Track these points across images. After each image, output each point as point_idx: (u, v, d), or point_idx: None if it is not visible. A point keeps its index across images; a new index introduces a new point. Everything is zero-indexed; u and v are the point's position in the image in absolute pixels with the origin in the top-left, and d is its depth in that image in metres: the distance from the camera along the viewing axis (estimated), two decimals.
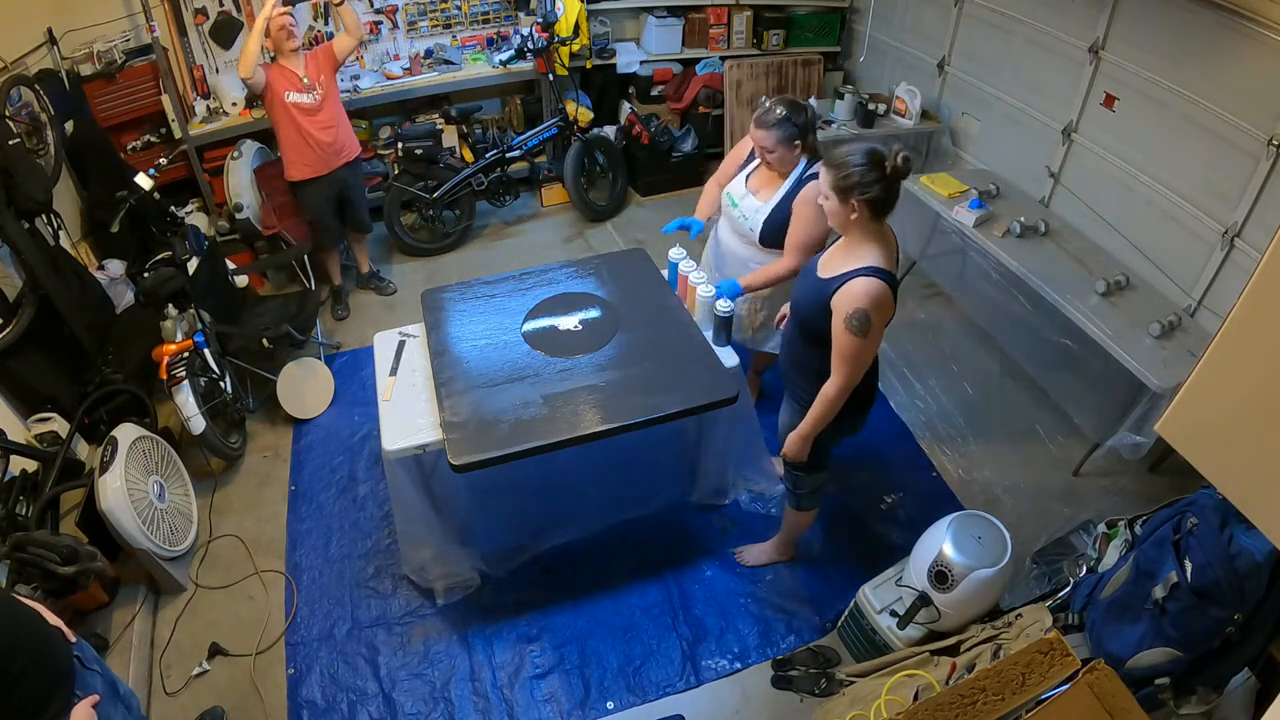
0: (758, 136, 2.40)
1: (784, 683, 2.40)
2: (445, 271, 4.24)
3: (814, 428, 2.08)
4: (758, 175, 2.55)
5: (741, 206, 2.54)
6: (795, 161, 2.44)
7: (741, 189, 2.56)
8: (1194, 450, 1.45)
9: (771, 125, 2.35)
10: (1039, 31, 3.45)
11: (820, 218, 2.10)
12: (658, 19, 4.68)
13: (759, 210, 2.50)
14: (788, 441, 2.17)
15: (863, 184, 1.83)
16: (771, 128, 2.35)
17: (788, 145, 2.38)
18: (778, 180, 2.48)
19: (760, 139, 2.40)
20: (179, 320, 3.01)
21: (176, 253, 3.02)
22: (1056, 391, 3.19)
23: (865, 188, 1.83)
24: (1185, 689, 1.76)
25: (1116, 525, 2.18)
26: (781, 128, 2.35)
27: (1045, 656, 1.56)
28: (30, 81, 3.13)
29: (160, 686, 2.41)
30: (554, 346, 2.38)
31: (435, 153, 4.13)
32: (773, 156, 2.42)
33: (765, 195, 2.50)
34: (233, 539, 2.85)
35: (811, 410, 2.06)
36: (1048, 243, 3.23)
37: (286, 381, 3.29)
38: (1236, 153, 2.69)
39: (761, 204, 2.50)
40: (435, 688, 2.40)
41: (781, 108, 2.35)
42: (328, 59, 3.44)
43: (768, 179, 2.51)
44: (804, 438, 2.12)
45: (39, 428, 2.77)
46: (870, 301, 1.84)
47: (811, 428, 2.08)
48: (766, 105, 2.38)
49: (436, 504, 2.34)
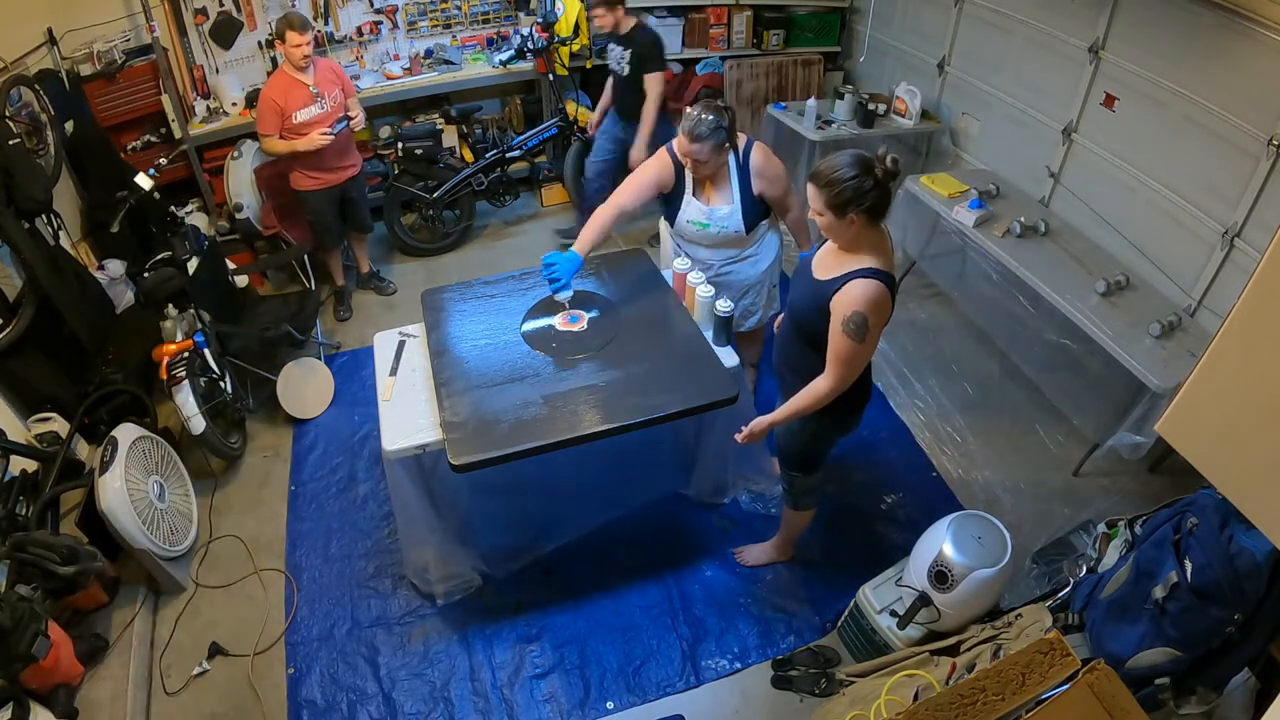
0: (692, 150, 2.37)
1: (784, 683, 2.40)
2: (445, 271, 4.24)
3: (789, 416, 2.05)
4: (702, 189, 2.54)
5: (714, 222, 2.54)
6: (726, 161, 2.47)
7: (701, 209, 2.54)
8: (1194, 450, 1.45)
9: (706, 136, 2.34)
10: (1039, 31, 3.45)
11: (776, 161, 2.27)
12: (658, 19, 4.67)
13: (731, 213, 2.52)
14: (754, 421, 2.12)
15: (858, 196, 1.80)
16: (706, 139, 2.35)
17: (719, 150, 2.40)
18: (723, 178, 2.50)
19: (695, 152, 2.38)
20: (179, 320, 3.01)
21: (176, 253, 3.02)
22: (1056, 392, 3.19)
23: (861, 199, 1.80)
24: (1185, 689, 1.76)
25: (1116, 525, 2.18)
26: (715, 135, 2.35)
27: (1045, 656, 1.56)
28: (30, 81, 3.14)
29: (160, 686, 2.41)
30: (554, 347, 2.38)
31: (435, 153, 4.13)
32: (706, 166, 2.43)
33: (723, 198, 2.52)
34: (233, 539, 2.85)
35: (795, 399, 2.01)
36: (1048, 243, 3.23)
37: (286, 381, 3.29)
38: (1237, 153, 2.69)
39: (728, 207, 2.51)
40: (435, 688, 2.40)
41: (709, 115, 2.33)
42: (339, 77, 3.48)
43: (712, 184, 2.53)
44: (772, 423, 2.09)
45: (39, 428, 2.77)
46: (868, 304, 1.83)
47: (784, 416, 2.05)
48: (694, 117, 2.34)
49: (436, 504, 2.34)
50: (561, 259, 2.42)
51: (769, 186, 2.51)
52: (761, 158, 2.49)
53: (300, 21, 3.19)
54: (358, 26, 4.23)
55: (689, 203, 2.55)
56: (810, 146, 4.04)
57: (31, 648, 1.97)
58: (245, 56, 4.03)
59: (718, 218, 2.53)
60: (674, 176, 2.54)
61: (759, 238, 2.63)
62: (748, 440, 2.16)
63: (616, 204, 2.50)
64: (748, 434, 2.14)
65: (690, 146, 2.37)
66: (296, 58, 3.23)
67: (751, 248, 2.64)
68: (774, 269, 2.75)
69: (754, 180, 2.49)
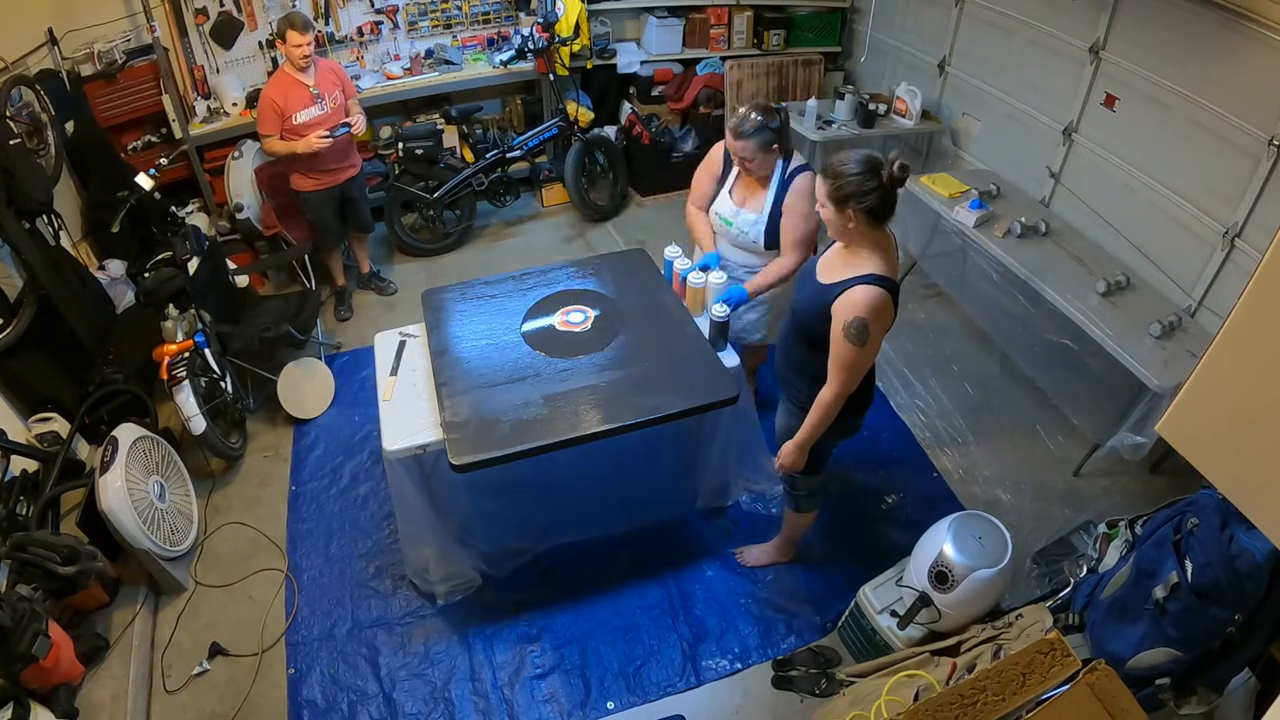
0: (736, 147, 2.39)
1: (784, 683, 2.40)
2: (446, 271, 4.24)
3: (811, 435, 2.07)
4: (740, 187, 2.54)
5: (737, 223, 2.54)
6: (774, 165, 2.45)
7: (730, 206, 2.55)
8: (1194, 450, 1.45)
9: (749, 134, 2.34)
10: (1040, 32, 3.45)
11: (811, 212, 2.14)
12: (658, 19, 4.68)
13: (756, 221, 2.51)
14: (783, 450, 2.16)
15: (859, 193, 1.81)
16: (750, 137, 2.35)
17: (766, 151, 2.39)
18: (761, 187, 2.49)
19: (739, 149, 2.39)
20: (179, 320, 3.01)
21: (177, 253, 3.02)
22: (1057, 392, 3.19)
23: (862, 197, 1.81)
24: (1185, 689, 1.76)
25: (1117, 525, 2.18)
26: (759, 135, 2.34)
27: (1046, 657, 1.56)
28: (31, 81, 3.13)
29: (161, 686, 2.41)
30: (554, 347, 2.38)
31: (436, 153, 4.13)
32: (753, 165, 2.42)
33: (755, 205, 2.51)
34: (233, 539, 2.85)
35: (809, 417, 2.05)
36: (1048, 243, 3.23)
37: (287, 381, 3.29)
38: (1237, 153, 2.69)
39: (755, 214, 2.50)
40: (435, 688, 2.40)
41: (756, 114, 2.34)
42: (340, 78, 3.48)
43: (751, 188, 2.51)
44: (801, 446, 2.11)
45: (39, 428, 2.77)
46: (869, 310, 1.83)
47: (809, 435, 2.07)
48: (740, 114, 2.36)
49: (437, 504, 2.34)
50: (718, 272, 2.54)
51: (788, 216, 2.46)
52: (802, 189, 2.40)
53: (302, 22, 3.18)
54: (358, 26, 4.23)
55: (723, 196, 2.58)
56: (811, 146, 4.03)
57: (32, 648, 1.97)
58: (246, 57, 4.03)
59: (742, 221, 2.53)
60: (722, 165, 2.58)
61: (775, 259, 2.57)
62: (785, 470, 2.21)
63: (693, 201, 2.67)
64: (780, 464, 2.19)
65: (734, 143, 2.39)
66: (297, 58, 3.23)
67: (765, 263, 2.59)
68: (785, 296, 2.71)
69: (787, 198, 2.45)
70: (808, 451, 2.13)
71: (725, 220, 2.57)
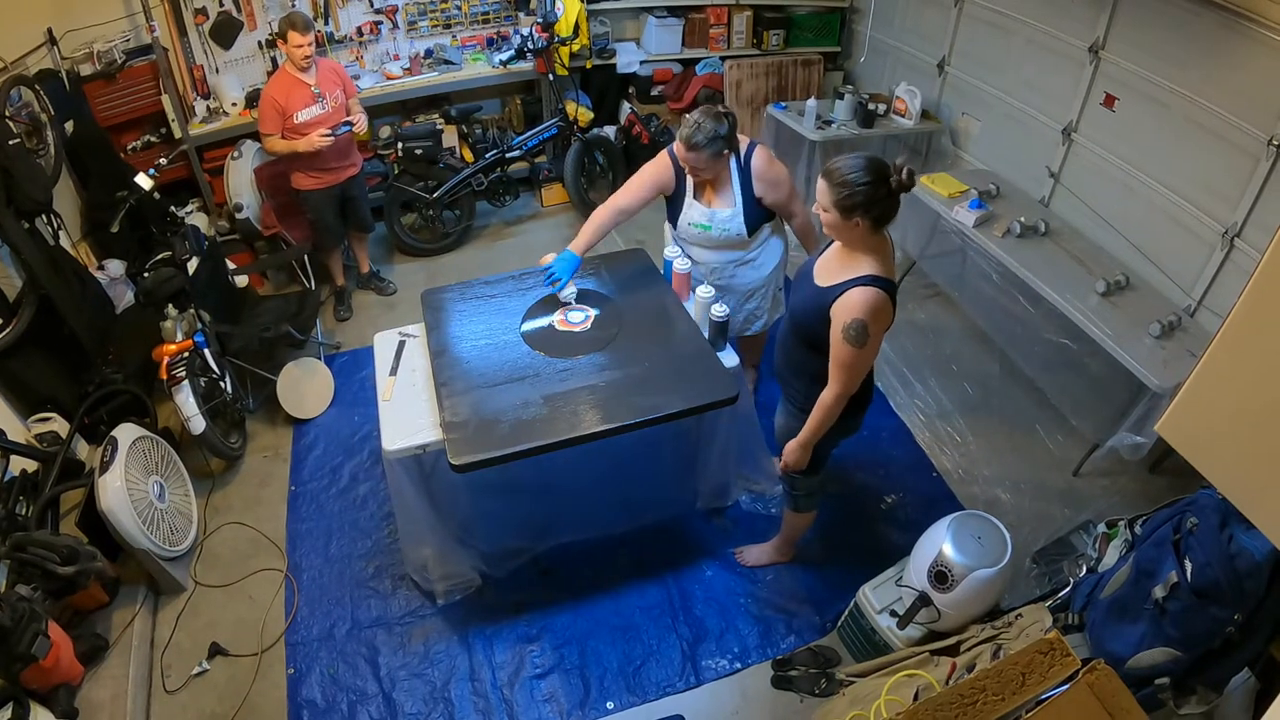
0: (690, 158, 2.39)
1: (784, 683, 2.40)
2: (445, 271, 4.24)
3: (813, 435, 2.08)
4: (703, 190, 2.55)
5: (715, 224, 2.55)
6: (727, 164, 2.47)
7: (703, 211, 2.55)
8: (1194, 450, 1.45)
9: (703, 145, 2.34)
10: (1039, 31, 3.45)
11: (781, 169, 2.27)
12: (658, 19, 4.68)
13: (734, 215, 2.52)
14: (787, 450, 2.17)
15: (868, 204, 1.80)
16: (703, 148, 2.35)
17: (718, 157, 2.40)
18: (724, 181, 2.50)
19: (693, 160, 2.39)
20: (179, 320, 3.01)
21: (176, 253, 3.02)
22: (1056, 392, 3.19)
23: (870, 207, 1.80)
24: (1185, 689, 1.76)
25: (1116, 525, 2.18)
26: (712, 145, 2.35)
27: (1045, 656, 1.56)
28: (30, 81, 3.13)
29: (160, 686, 2.41)
30: (553, 346, 2.38)
31: (435, 153, 4.13)
32: (706, 172, 2.44)
33: (725, 200, 2.52)
34: (233, 539, 2.85)
35: (810, 418, 2.05)
36: (1048, 243, 3.23)
37: (286, 381, 3.29)
38: (1237, 153, 2.69)
39: (730, 209, 2.52)
40: (435, 688, 2.40)
41: (707, 122, 2.33)
42: (340, 78, 3.48)
43: (714, 185, 2.53)
44: (803, 445, 2.12)
45: (39, 428, 2.77)
46: (868, 312, 1.83)
47: (811, 435, 2.08)
48: (691, 125, 2.34)
49: (436, 504, 2.34)
50: (559, 260, 2.48)
51: (770, 191, 2.51)
52: (763, 162, 2.48)
53: (303, 22, 3.19)
54: (358, 26, 4.23)
55: (690, 205, 2.56)
56: (810, 146, 4.04)
57: (32, 648, 1.97)
58: (245, 56, 4.03)
59: (719, 220, 2.53)
60: (674, 179, 2.55)
61: (761, 241, 2.63)
62: (788, 469, 2.21)
63: (615, 204, 2.55)
64: (784, 463, 2.20)
65: (687, 155, 2.38)
66: (298, 58, 3.23)
67: (754, 251, 2.64)
68: (778, 272, 2.75)
69: (755, 184, 2.49)
70: (810, 451, 2.14)
71: (702, 226, 2.56)
